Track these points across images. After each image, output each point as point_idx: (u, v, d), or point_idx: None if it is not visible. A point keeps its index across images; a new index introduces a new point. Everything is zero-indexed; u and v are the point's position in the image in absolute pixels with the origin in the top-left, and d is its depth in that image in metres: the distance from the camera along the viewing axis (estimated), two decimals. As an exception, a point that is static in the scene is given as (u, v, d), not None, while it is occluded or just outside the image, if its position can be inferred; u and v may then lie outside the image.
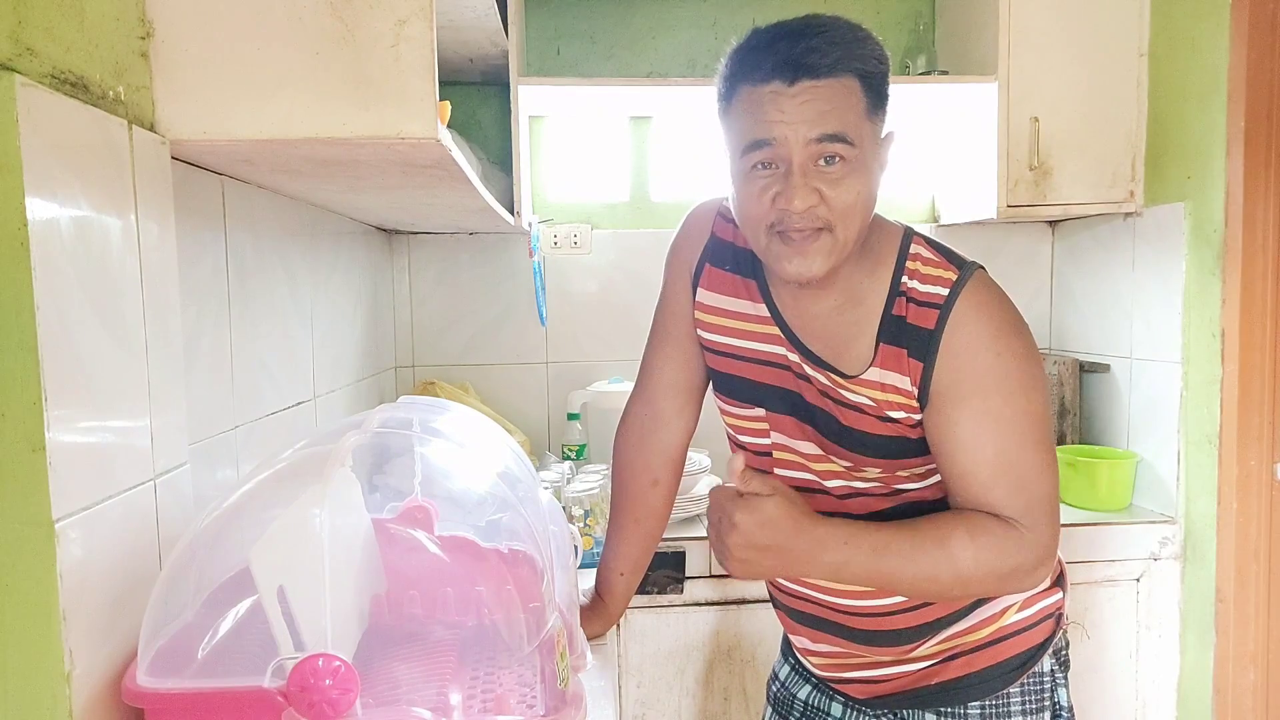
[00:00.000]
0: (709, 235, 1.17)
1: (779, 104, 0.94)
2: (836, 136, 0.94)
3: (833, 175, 0.95)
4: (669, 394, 1.26)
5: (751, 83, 0.96)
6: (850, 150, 0.95)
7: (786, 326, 1.09)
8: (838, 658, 1.17)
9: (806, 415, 1.09)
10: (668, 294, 1.24)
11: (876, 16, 2.32)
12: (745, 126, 0.97)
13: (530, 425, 2.34)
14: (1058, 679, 1.13)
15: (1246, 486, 1.83)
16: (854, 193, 0.96)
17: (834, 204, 0.96)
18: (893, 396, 1.02)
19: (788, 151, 0.95)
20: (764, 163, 0.97)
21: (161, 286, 0.92)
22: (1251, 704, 1.85)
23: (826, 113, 0.93)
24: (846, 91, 0.94)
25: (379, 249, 2.16)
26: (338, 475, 0.86)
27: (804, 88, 0.93)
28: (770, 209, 0.97)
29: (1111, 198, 2.04)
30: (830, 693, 1.22)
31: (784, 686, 1.28)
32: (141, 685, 0.74)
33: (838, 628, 1.14)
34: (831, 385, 1.06)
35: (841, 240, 0.98)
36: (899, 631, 1.10)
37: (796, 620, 1.19)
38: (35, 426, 0.70)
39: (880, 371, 1.02)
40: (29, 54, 0.73)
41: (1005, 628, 1.10)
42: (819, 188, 0.95)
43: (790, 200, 0.95)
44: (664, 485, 1.30)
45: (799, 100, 0.93)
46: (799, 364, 1.08)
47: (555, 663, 0.86)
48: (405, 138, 0.95)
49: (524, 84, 1.92)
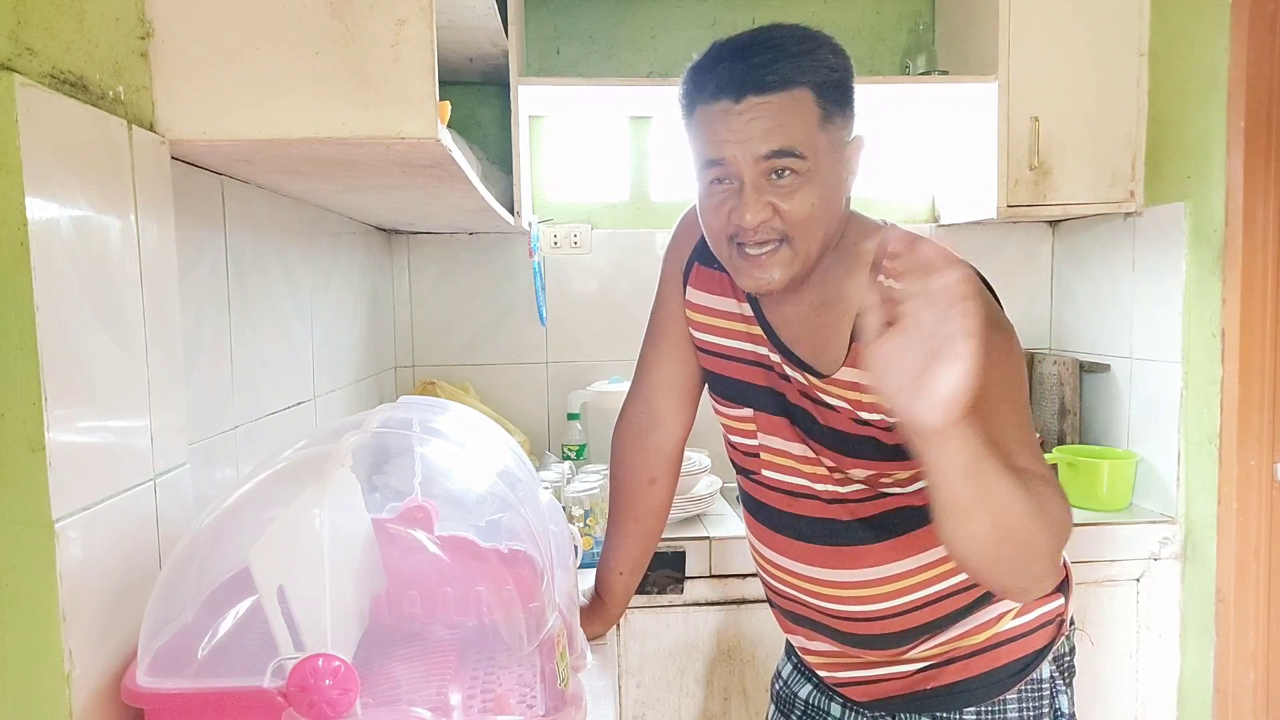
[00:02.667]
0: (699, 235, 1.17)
1: (727, 122, 0.95)
2: (785, 151, 0.95)
3: (786, 188, 0.96)
4: (665, 393, 1.27)
5: (704, 100, 0.98)
6: (802, 163, 0.95)
7: (768, 326, 1.10)
8: (834, 657, 1.17)
9: (787, 414, 1.09)
10: (662, 293, 1.25)
11: (876, 16, 2.32)
12: (700, 145, 0.99)
13: (530, 425, 2.34)
14: (1058, 685, 1.12)
15: (1246, 486, 1.83)
16: (808, 204, 0.97)
17: (789, 216, 0.97)
18: (865, 396, 1.01)
19: (738, 169, 0.96)
20: (719, 178, 0.99)
21: (161, 286, 0.92)
22: (1251, 704, 1.85)
23: (773, 129, 0.94)
24: (796, 103, 0.95)
25: (379, 249, 2.16)
26: (338, 475, 0.86)
27: (750, 104, 0.94)
28: (727, 223, 0.99)
29: (1111, 198, 2.04)
30: (830, 693, 1.22)
31: (786, 684, 1.28)
32: (141, 685, 0.74)
33: (829, 630, 1.14)
34: (808, 385, 1.06)
35: (802, 251, 0.99)
36: (888, 635, 1.10)
37: (791, 620, 1.20)
38: (35, 426, 0.70)
39: (853, 371, 1.02)
40: (29, 54, 0.73)
41: (1001, 633, 1.10)
42: (772, 201, 0.96)
43: (742, 216, 0.97)
44: (662, 484, 1.30)
45: (746, 118, 0.94)
46: (780, 364, 1.09)
47: (555, 663, 0.86)
48: (405, 138, 0.95)
49: (524, 84, 1.92)
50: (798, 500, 1.11)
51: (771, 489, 1.14)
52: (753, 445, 1.14)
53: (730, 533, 1.85)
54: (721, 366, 1.16)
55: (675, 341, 1.24)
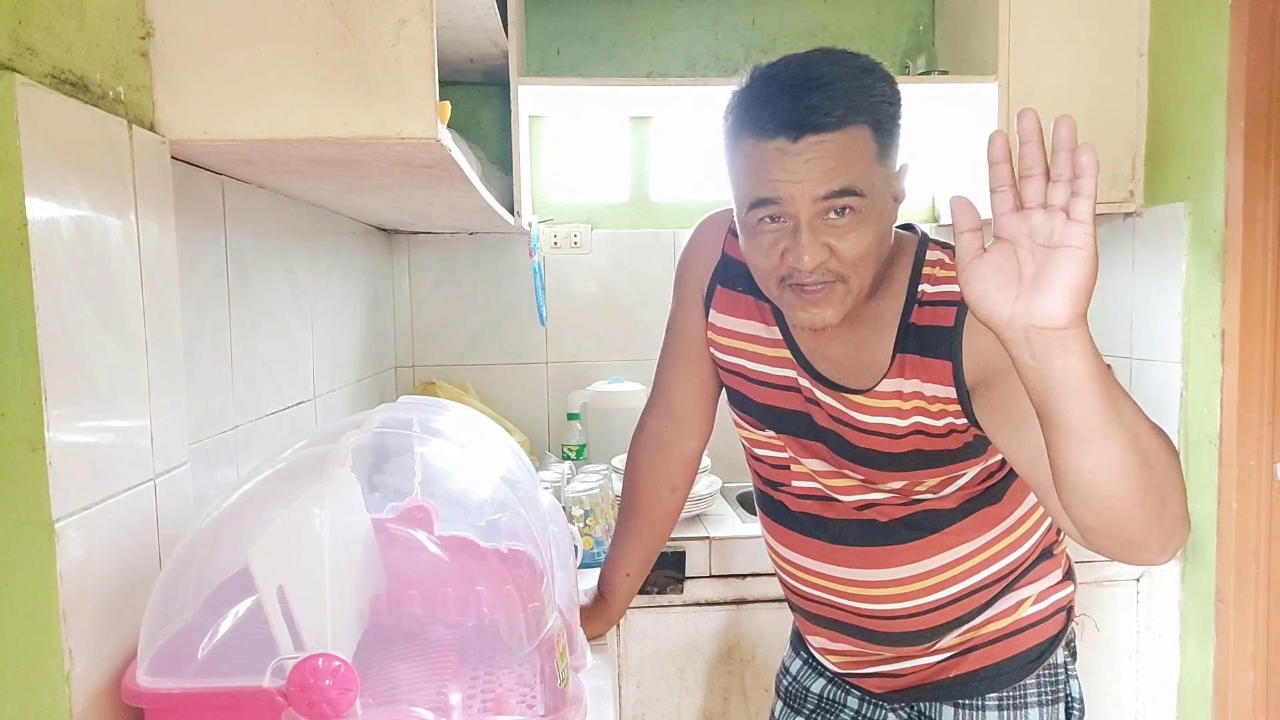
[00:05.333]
0: (719, 255, 1.16)
1: (783, 163, 0.90)
2: (846, 191, 0.90)
3: (842, 228, 0.92)
4: (688, 411, 1.27)
5: (754, 137, 0.92)
6: (861, 201, 0.91)
7: (798, 351, 1.08)
8: (857, 654, 1.17)
9: (817, 437, 1.09)
10: (679, 315, 1.23)
11: (877, 16, 2.32)
12: (750, 182, 0.94)
13: (530, 425, 2.34)
14: (1070, 671, 1.15)
15: (1246, 486, 1.83)
16: (865, 243, 0.93)
17: (845, 256, 0.93)
18: (917, 403, 1.00)
19: (795, 209, 0.92)
20: (771, 216, 0.94)
21: (161, 286, 0.92)
22: (1251, 704, 1.85)
23: (833, 169, 0.90)
24: (854, 142, 0.91)
25: (379, 249, 2.16)
26: (338, 475, 0.86)
27: (810, 144, 0.89)
28: (780, 264, 0.95)
29: (1111, 198, 2.04)
30: (846, 687, 1.22)
31: (796, 680, 1.28)
32: (141, 685, 0.74)
33: (860, 630, 1.14)
34: (842, 409, 1.05)
35: (855, 288, 0.95)
36: (918, 633, 1.11)
37: (814, 623, 1.19)
38: (35, 426, 0.70)
39: (898, 382, 1.00)
40: (29, 53, 0.73)
41: (1021, 620, 1.11)
42: (829, 241, 0.92)
43: (799, 258, 0.92)
44: (681, 491, 1.31)
45: (804, 158, 0.90)
46: (809, 389, 1.08)
47: (555, 663, 0.86)
48: (405, 138, 0.95)
49: (524, 84, 1.92)
50: (829, 505, 1.11)
51: (801, 497, 1.14)
52: (783, 458, 1.14)
53: (730, 533, 1.85)
54: (748, 389, 1.15)
55: (695, 363, 1.22)
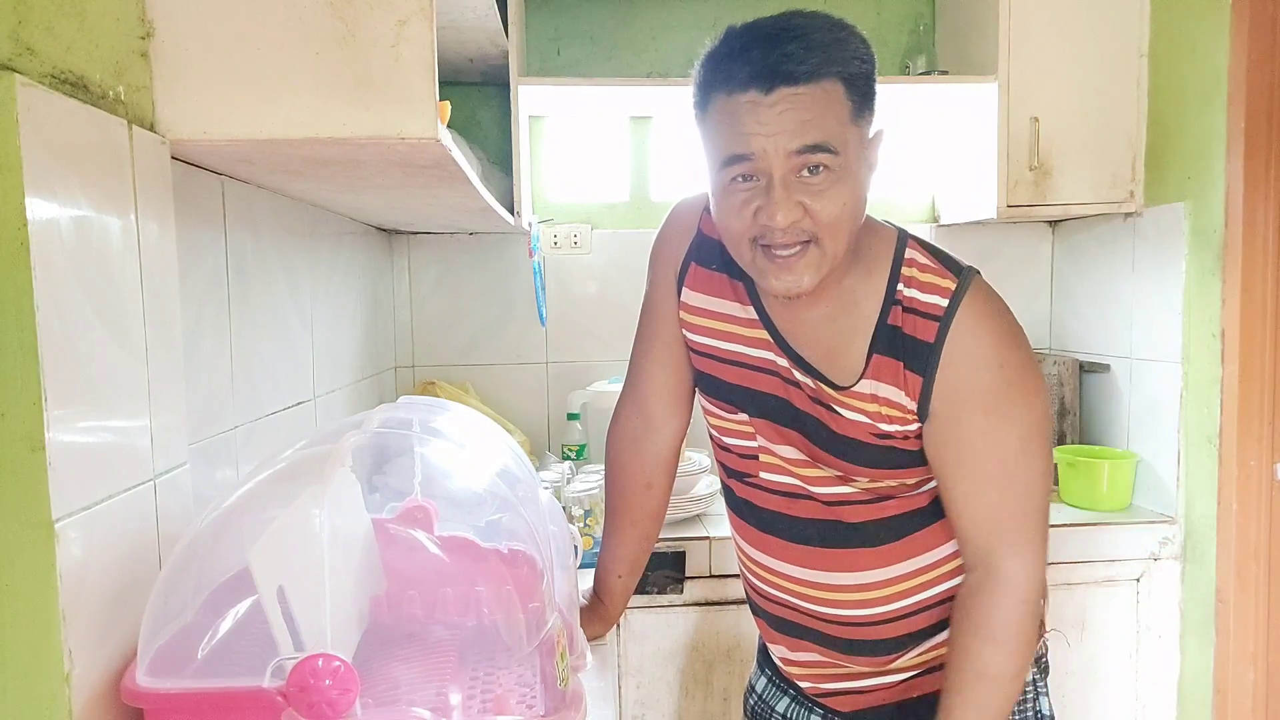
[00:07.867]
0: (695, 232, 1.14)
1: (756, 115, 0.88)
2: (820, 146, 0.89)
3: (817, 186, 0.90)
4: (659, 398, 1.24)
5: (726, 91, 0.90)
6: (835, 159, 0.90)
7: (776, 331, 1.06)
8: (818, 667, 1.15)
9: (794, 422, 1.06)
10: (652, 295, 1.21)
11: (877, 16, 2.32)
12: (722, 139, 0.92)
13: (530, 425, 2.34)
14: (1039, 688, 1.12)
15: (1246, 486, 1.83)
16: (840, 203, 0.91)
17: (819, 216, 0.91)
18: (885, 409, 1.00)
19: (768, 165, 0.90)
20: (744, 175, 0.92)
21: (161, 286, 0.92)
22: (1251, 704, 1.85)
23: (808, 121, 0.88)
24: (829, 97, 0.89)
25: (379, 249, 2.16)
26: (338, 475, 0.86)
27: (782, 96, 0.87)
28: (752, 223, 0.93)
29: (1111, 198, 2.04)
30: (810, 705, 1.19)
31: (761, 699, 1.25)
32: (141, 685, 0.74)
33: (819, 636, 1.12)
34: (819, 390, 1.03)
35: (830, 252, 0.94)
36: (881, 641, 1.09)
37: (776, 628, 1.17)
38: (35, 426, 0.70)
39: (873, 383, 1.00)
40: (29, 53, 0.73)
41: None
42: (802, 200, 0.91)
43: (773, 215, 0.90)
44: (658, 488, 1.28)
45: (777, 110, 0.88)
46: (788, 369, 1.05)
47: (555, 663, 0.86)
48: (405, 138, 0.95)
49: (524, 84, 1.92)
50: (796, 502, 1.09)
51: (769, 491, 1.11)
52: (751, 448, 1.11)
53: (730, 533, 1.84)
54: (719, 370, 1.12)
55: (668, 345, 1.20)
